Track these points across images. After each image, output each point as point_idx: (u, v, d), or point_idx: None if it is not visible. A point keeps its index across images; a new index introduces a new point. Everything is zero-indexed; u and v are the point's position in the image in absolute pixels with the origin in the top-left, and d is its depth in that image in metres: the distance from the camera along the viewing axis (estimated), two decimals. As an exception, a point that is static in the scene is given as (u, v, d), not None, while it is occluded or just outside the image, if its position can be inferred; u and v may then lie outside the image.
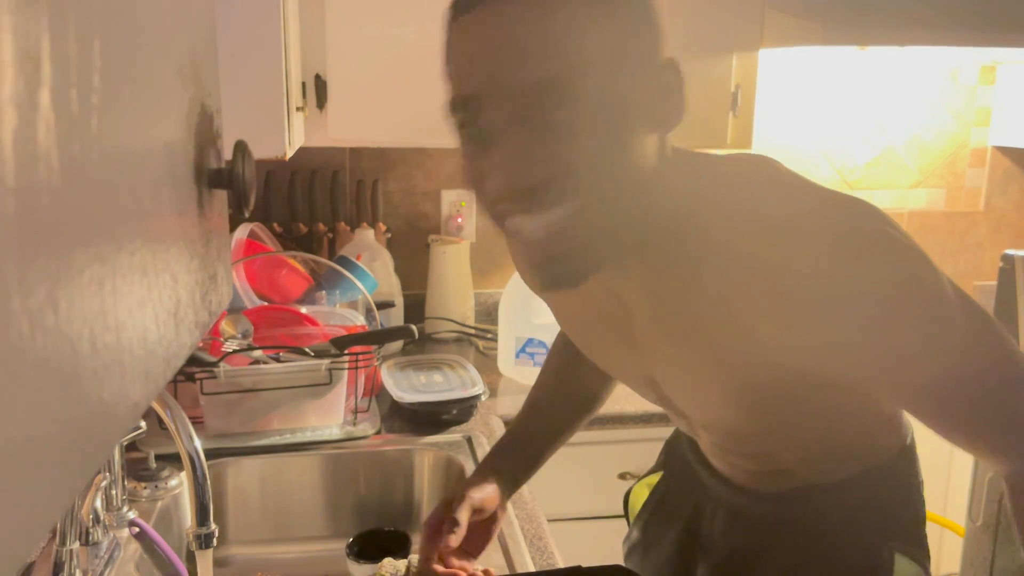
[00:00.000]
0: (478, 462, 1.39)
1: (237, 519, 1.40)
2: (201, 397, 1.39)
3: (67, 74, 0.29)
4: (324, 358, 1.42)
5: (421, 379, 1.65)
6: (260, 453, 1.40)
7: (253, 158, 0.49)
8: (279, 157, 1.38)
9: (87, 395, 0.31)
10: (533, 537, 1.19)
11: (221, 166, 0.49)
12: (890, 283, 0.68)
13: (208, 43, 0.50)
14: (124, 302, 0.35)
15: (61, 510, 0.31)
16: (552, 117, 0.65)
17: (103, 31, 0.32)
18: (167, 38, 0.41)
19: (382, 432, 1.50)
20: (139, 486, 1.27)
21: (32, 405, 0.27)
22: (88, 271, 0.31)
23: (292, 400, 1.43)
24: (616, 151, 0.68)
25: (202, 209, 0.47)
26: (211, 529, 0.98)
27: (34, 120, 0.26)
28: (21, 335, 0.26)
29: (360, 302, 1.74)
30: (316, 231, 2.04)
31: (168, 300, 0.41)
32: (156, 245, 0.39)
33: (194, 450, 0.97)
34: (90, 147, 0.31)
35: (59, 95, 0.28)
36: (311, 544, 1.42)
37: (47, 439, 0.28)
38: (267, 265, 1.74)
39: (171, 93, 0.42)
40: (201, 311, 0.48)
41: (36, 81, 0.27)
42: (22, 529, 0.26)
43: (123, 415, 0.35)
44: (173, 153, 0.42)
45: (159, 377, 0.40)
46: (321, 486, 1.43)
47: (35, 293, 0.27)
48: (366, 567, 1.11)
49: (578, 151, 0.66)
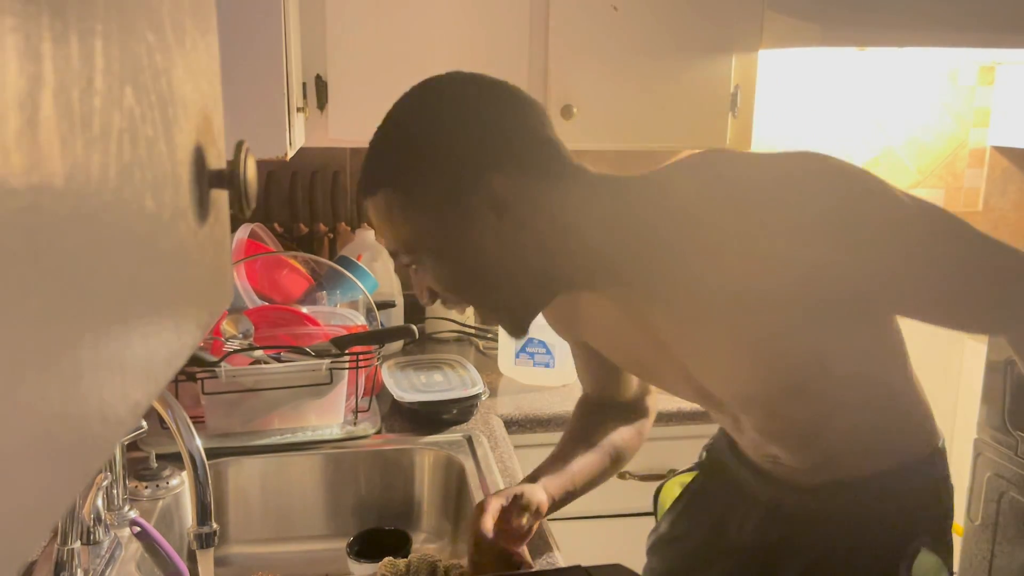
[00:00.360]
0: (478, 462, 1.40)
1: (238, 518, 1.40)
2: (202, 397, 1.39)
3: (69, 75, 0.29)
4: (325, 358, 1.43)
5: (421, 379, 1.65)
6: (261, 452, 1.41)
7: (254, 158, 0.49)
8: (280, 157, 1.38)
9: (88, 394, 0.31)
10: (533, 537, 1.19)
11: (222, 166, 0.50)
12: (846, 199, 0.79)
13: (209, 44, 0.50)
14: (125, 302, 0.35)
15: (62, 509, 0.31)
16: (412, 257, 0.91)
17: (104, 32, 0.33)
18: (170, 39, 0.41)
19: (382, 432, 1.50)
20: (140, 485, 1.27)
21: (33, 404, 0.27)
22: (89, 271, 0.31)
23: (293, 400, 1.43)
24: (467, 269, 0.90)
25: (203, 210, 0.47)
26: (212, 528, 0.99)
27: (35, 120, 0.27)
28: (22, 333, 0.26)
29: (361, 302, 1.74)
30: (317, 231, 2.04)
31: (169, 300, 0.41)
32: (157, 245, 0.39)
33: (195, 449, 0.97)
34: (91, 148, 0.31)
35: (61, 96, 0.29)
36: (312, 543, 1.42)
37: (48, 438, 0.28)
38: (268, 265, 1.74)
39: (173, 94, 0.42)
40: (202, 311, 0.48)
41: (38, 82, 0.27)
42: (23, 528, 0.26)
43: (124, 414, 0.35)
44: (174, 154, 0.42)
45: (160, 377, 0.40)
46: (322, 485, 1.44)
47: (36, 293, 0.27)
48: (366, 566, 1.12)
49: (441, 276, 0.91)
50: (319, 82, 1.67)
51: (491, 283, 0.90)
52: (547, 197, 0.86)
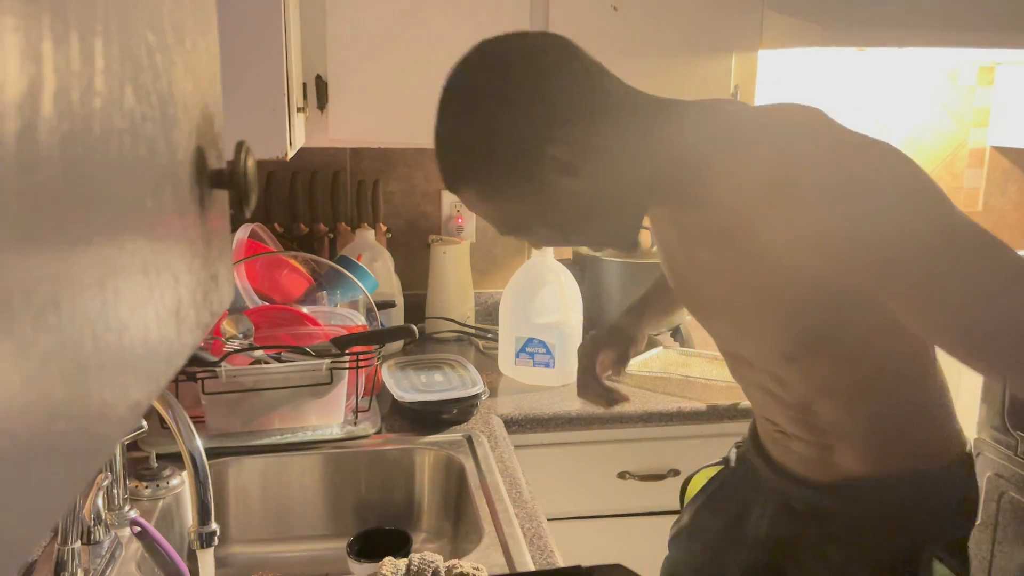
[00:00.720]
0: (478, 462, 1.40)
1: (238, 518, 1.40)
2: (202, 396, 1.39)
3: (69, 75, 0.29)
4: (325, 358, 1.43)
5: (421, 379, 1.65)
6: (261, 452, 1.41)
7: (254, 158, 0.49)
8: (280, 157, 1.38)
9: (89, 394, 0.31)
10: (533, 536, 1.19)
11: (222, 166, 0.50)
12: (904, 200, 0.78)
13: (209, 44, 0.50)
14: (126, 302, 0.35)
15: (63, 509, 0.31)
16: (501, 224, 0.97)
17: (104, 32, 0.33)
18: (170, 39, 0.41)
19: (383, 431, 1.50)
20: (140, 485, 1.27)
21: (34, 404, 0.27)
22: (90, 271, 0.31)
23: (293, 400, 1.43)
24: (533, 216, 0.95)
25: (203, 209, 0.47)
26: (212, 528, 0.99)
27: (36, 121, 0.27)
28: (23, 334, 0.26)
29: (361, 302, 1.74)
30: (317, 231, 2.04)
31: (170, 300, 0.42)
32: (158, 245, 0.39)
33: (195, 449, 0.97)
34: (92, 148, 0.31)
35: (61, 96, 0.29)
36: (312, 543, 1.42)
37: (49, 438, 0.28)
38: (268, 265, 1.74)
39: (173, 94, 0.42)
40: (202, 311, 0.48)
41: (38, 82, 0.27)
42: (24, 528, 0.26)
43: (124, 414, 0.35)
44: (175, 154, 0.42)
45: (160, 377, 0.40)
46: (322, 485, 1.44)
47: (37, 293, 0.27)
48: (367, 566, 1.11)
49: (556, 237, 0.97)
50: (319, 82, 1.67)
51: (588, 227, 0.96)
52: (606, 140, 0.90)
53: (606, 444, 1.65)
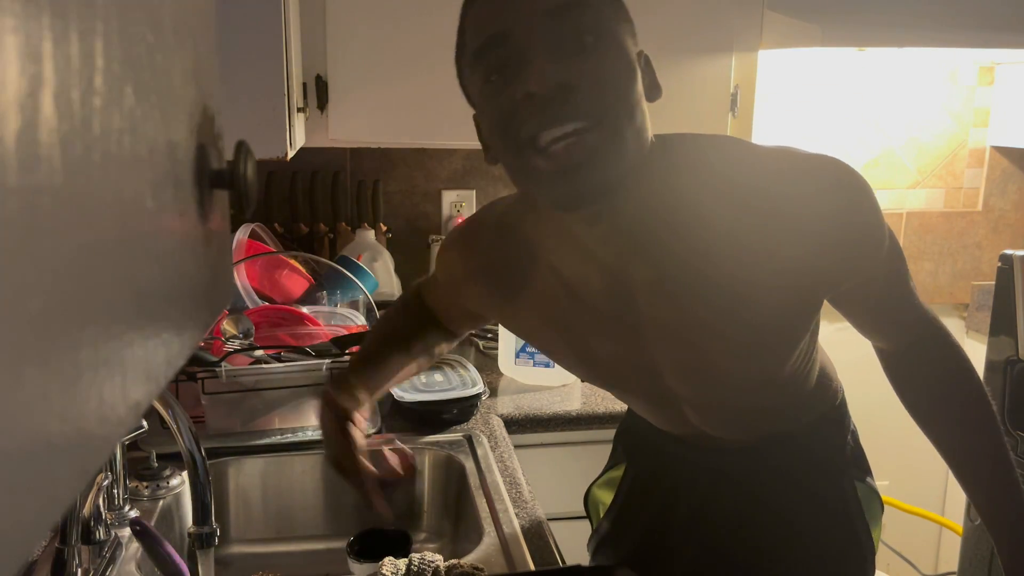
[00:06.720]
0: (478, 461, 1.40)
1: (238, 518, 1.40)
2: (203, 396, 1.39)
3: (69, 75, 0.29)
4: (325, 358, 1.43)
5: (422, 378, 1.65)
6: (261, 452, 1.41)
7: (254, 158, 0.49)
8: (280, 158, 1.38)
9: (88, 394, 0.31)
10: (533, 536, 1.19)
11: (222, 167, 0.50)
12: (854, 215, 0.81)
13: (209, 44, 0.50)
14: (126, 302, 0.35)
15: (63, 509, 0.31)
16: (581, 37, 0.75)
17: (104, 32, 0.33)
18: (170, 39, 0.41)
19: (383, 431, 1.50)
20: (141, 485, 1.27)
21: (33, 404, 0.27)
22: (89, 271, 0.31)
23: (293, 400, 1.43)
24: (628, 79, 0.78)
25: (203, 210, 0.47)
26: (212, 528, 0.99)
27: (36, 121, 0.27)
28: (22, 333, 0.26)
29: (361, 302, 1.74)
30: (317, 231, 2.04)
31: (170, 300, 0.42)
32: (158, 245, 0.39)
33: (195, 449, 0.97)
34: (92, 148, 0.31)
35: (61, 96, 0.29)
36: (312, 543, 1.42)
37: (48, 438, 0.28)
38: (268, 265, 1.74)
39: (173, 94, 0.42)
40: (202, 311, 0.48)
41: (38, 82, 0.27)
42: (23, 527, 0.26)
43: (124, 414, 0.35)
44: (175, 154, 0.42)
45: (160, 376, 0.40)
46: (322, 485, 1.44)
47: (36, 292, 0.27)
48: (367, 566, 1.11)
49: (602, 70, 0.76)
50: (319, 82, 1.67)
51: None
52: None
53: (606, 444, 1.65)
